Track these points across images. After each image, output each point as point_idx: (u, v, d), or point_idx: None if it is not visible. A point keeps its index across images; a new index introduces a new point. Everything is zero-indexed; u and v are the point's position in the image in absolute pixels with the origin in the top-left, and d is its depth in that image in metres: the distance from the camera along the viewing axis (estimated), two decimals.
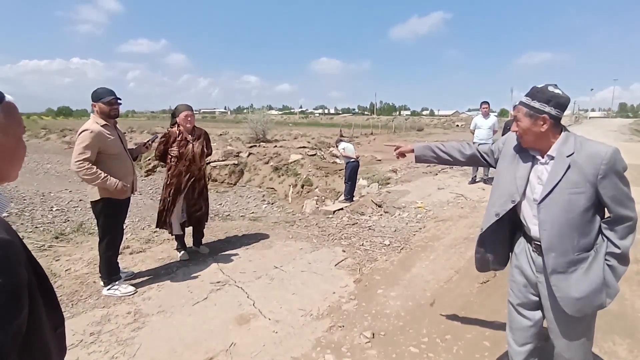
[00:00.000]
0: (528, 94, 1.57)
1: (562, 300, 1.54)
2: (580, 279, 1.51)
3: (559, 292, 1.55)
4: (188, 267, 3.75)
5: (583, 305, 1.51)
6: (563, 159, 1.50)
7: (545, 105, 1.50)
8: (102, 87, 3.13)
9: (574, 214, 1.48)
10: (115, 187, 3.01)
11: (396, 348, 2.48)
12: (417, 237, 4.70)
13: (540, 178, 1.58)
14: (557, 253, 1.52)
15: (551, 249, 1.54)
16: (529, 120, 1.54)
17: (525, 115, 1.55)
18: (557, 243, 1.52)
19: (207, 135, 4.02)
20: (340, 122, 48.89)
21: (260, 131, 17.15)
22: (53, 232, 5.15)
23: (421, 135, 28.29)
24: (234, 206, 9.21)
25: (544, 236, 1.55)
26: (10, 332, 0.67)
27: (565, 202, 1.49)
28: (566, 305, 1.53)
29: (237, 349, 2.44)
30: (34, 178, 10.90)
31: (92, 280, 3.38)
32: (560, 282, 1.54)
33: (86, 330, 2.64)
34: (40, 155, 16.33)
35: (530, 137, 1.57)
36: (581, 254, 1.51)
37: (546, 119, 1.51)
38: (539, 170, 1.60)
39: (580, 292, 1.50)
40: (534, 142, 1.59)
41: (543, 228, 1.55)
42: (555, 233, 1.52)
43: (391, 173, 10.05)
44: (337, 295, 3.19)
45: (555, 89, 1.52)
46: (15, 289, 0.69)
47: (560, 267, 1.53)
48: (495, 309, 2.96)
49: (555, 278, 1.55)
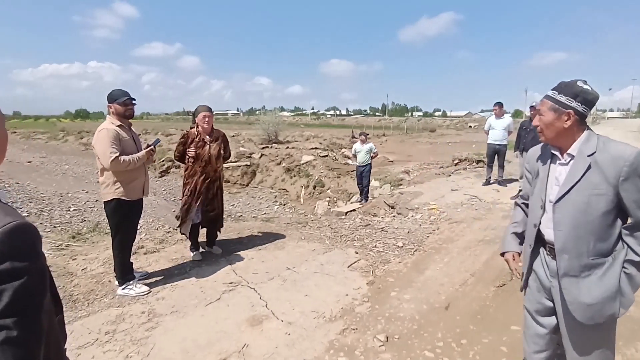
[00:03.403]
0: (555, 87, 1.51)
1: (572, 305, 1.48)
2: (593, 285, 1.43)
3: (569, 296, 1.49)
4: (201, 267, 3.77)
5: (594, 312, 1.44)
6: (583, 158, 1.44)
7: (572, 100, 1.44)
8: (118, 89, 3.18)
9: (592, 217, 1.41)
10: (145, 155, 3.20)
11: (410, 352, 2.44)
12: (431, 239, 4.63)
13: (558, 178, 1.53)
14: (570, 255, 1.46)
15: (565, 250, 1.48)
16: (553, 115, 1.48)
17: (549, 109, 1.50)
18: (572, 245, 1.46)
19: (225, 137, 4.06)
20: (352, 124, 48.81)
21: (272, 132, 17.22)
22: (70, 232, 5.25)
23: (433, 137, 28.02)
24: (246, 207, 9.25)
25: (558, 237, 1.49)
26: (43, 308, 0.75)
27: (583, 204, 1.43)
28: (576, 310, 1.47)
29: (250, 351, 2.44)
30: (53, 179, 11.15)
31: (108, 280, 3.43)
32: (571, 285, 1.48)
33: (102, 329, 2.68)
34: (59, 156, 16.72)
35: (551, 132, 1.51)
36: (597, 259, 1.43)
37: (571, 114, 1.44)
38: (557, 170, 1.54)
39: (591, 298, 1.43)
40: (554, 138, 1.52)
41: (558, 229, 1.50)
42: (570, 234, 1.46)
43: (403, 174, 9.96)
44: (350, 298, 3.16)
45: (584, 84, 1.45)
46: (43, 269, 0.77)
47: (572, 270, 1.47)
48: (512, 313, 2.89)
49: (566, 281, 1.49)
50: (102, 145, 2.99)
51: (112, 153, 2.98)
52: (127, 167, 3.07)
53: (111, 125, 3.09)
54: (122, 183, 3.11)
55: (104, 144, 2.99)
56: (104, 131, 3.04)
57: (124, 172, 3.09)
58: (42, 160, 15.31)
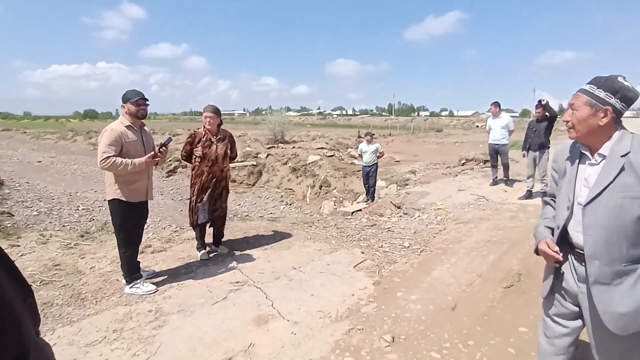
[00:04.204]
0: (592, 81, 1.43)
1: (604, 315, 1.39)
2: (625, 293, 1.35)
3: (601, 305, 1.40)
4: (207, 266, 3.79)
5: (627, 322, 1.36)
6: (617, 158, 1.36)
7: (611, 96, 1.37)
8: (131, 89, 3.23)
9: (625, 221, 1.33)
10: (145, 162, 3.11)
11: (417, 353, 2.43)
12: (438, 239, 4.61)
13: (587, 179, 1.45)
14: (601, 262, 1.38)
15: (595, 256, 1.40)
16: (589, 110, 1.40)
17: (585, 104, 1.41)
18: (603, 251, 1.38)
19: (232, 137, 4.08)
20: (358, 123, 48.73)
21: (278, 132, 17.28)
22: (79, 231, 5.32)
23: (440, 136, 27.86)
24: (253, 207, 9.28)
25: (588, 242, 1.41)
26: None
27: (615, 207, 1.35)
28: (608, 320, 1.39)
29: (256, 350, 2.44)
30: (62, 178, 11.28)
31: (115, 278, 3.46)
32: (602, 294, 1.40)
33: (109, 327, 2.70)
34: (68, 156, 16.92)
35: (583, 128, 1.43)
36: (629, 266, 1.35)
37: (609, 111, 1.37)
38: (587, 171, 1.47)
39: (625, 307, 1.35)
40: (585, 135, 1.44)
41: (588, 233, 1.42)
42: (601, 239, 1.38)
43: (410, 174, 9.92)
44: (356, 298, 3.15)
45: (624, 80, 1.38)
46: None
47: (604, 277, 1.38)
48: (520, 315, 2.86)
49: (597, 289, 1.41)
50: (100, 144, 3.03)
51: (105, 153, 2.97)
52: (120, 170, 3.00)
53: (118, 126, 3.11)
54: (122, 184, 3.11)
55: (102, 143, 3.02)
56: (107, 131, 3.06)
57: (123, 174, 3.08)
58: (51, 160, 15.51)
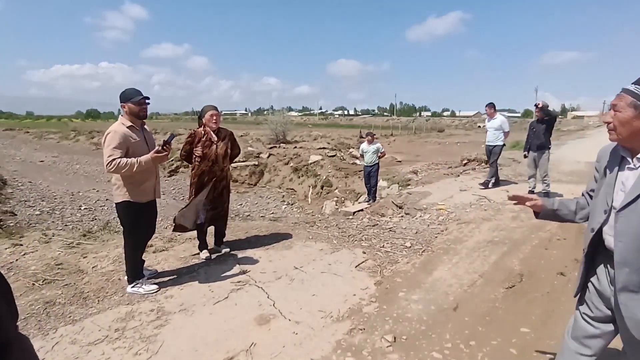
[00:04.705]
0: (637, 81, 1.39)
1: (630, 322, 1.38)
2: None
3: (627, 313, 1.39)
4: (209, 266, 3.80)
5: None
6: None
7: None
8: (131, 88, 3.14)
9: None
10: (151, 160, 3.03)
11: (418, 353, 2.42)
12: (439, 239, 4.60)
13: (624, 184, 1.42)
14: (631, 269, 1.36)
15: (625, 263, 1.37)
16: (633, 112, 1.36)
17: (629, 105, 1.36)
18: (633, 258, 1.35)
19: (232, 136, 4.07)
20: (359, 123, 48.71)
21: (280, 132, 17.28)
22: (81, 230, 5.34)
23: (442, 137, 27.83)
24: (254, 206, 9.29)
25: (619, 248, 1.39)
26: None
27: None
28: (633, 327, 1.38)
29: (257, 350, 2.45)
30: (64, 178, 11.32)
31: (118, 278, 3.47)
32: (630, 301, 1.38)
33: (111, 326, 2.71)
34: (70, 156, 16.98)
35: (626, 130, 1.39)
36: None
37: None
38: (625, 175, 1.44)
39: None
40: (628, 138, 1.40)
41: (619, 240, 1.39)
42: (633, 247, 1.35)
43: (412, 174, 9.91)
44: (358, 298, 3.15)
45: None
46: None
47: (632, 285, 1.36)
48: (522, 315, 2.86)
49: (624, 296, 1.39)
50: (105, 148, 2.96)
51: (110, 156, 2.90)
52: (127, 171, 2.94)
53: (120, 127, 3.04)
54: (131, 185, 3.07)
55: (106, 147, 2.95)
56: (110, 134, 2.98)
57: (131, 174, 3.02)
58: (54, 160, 15.57)
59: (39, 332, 2.62)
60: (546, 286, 3.33)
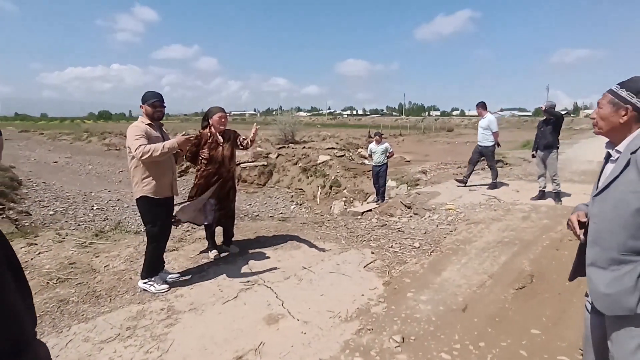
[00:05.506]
0: (621, 82, 1.52)
1: (592, 294, 1.52)
2: (616, 278, 1.43)
3: (591, 285, 1.52)
4: (218, 266, 3.83)
5: (611, 303, 1.44)
6: (626, 154, 1.43)
7: (633, 96, 1.45)
8: (150, 91, 3.29)
9: (626, 214, 1.40)
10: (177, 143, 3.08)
11: (427, 354, 2.42)
12: (448, 239, 4.57)
13: (605, 174, 1.55)
14: (601, 248, 1.48)
15: (596, 242, 1.50)
16: (611, 108, 1.50)
17: (608, 102, 1.52)
18: (604, 238, 1.47)
19: (236, 134, 4.07)
20: (368, 123, 48.58)
21: (288, 132, 17.33)
22: (93, 230, 5.43)
23: (451, 136, 27.60)
24: (263, 206, 9.33)
25: (592, 229, 1.53)
26: None
27: (617, 200, 1.43)
28: (595, 299, 1.51)
29: (266, 349, 2.47)
30: (77, 179, 11.52)
31: (129, 277, 3.52)
32: (594, 274, 1.50)
33: (123, 324, 2.76)
34: (83, 157, 17.26)
35: (605, 125, 1.54)
36: (628, 256, 1.42)
37: (629, 110, 1.45)
38: (608, 167, 1.56)
39: (610, 288, 1.44)
40: (607, 131, 1.55)
41: (593, 221, 1.53)
42: (603, 227, 1.48)
43: (420, 174, 9.85)
44: (366, 298, 3.15)
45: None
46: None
47: (600, 261, 1.48)
48: (532, 317, 2.83)
49: (591, 270, 1.52)
50: (130, 138, 3.09)
51: (137, 143, 3.02)
52: (155, 156, 3.03)
53: (141, 124, 3.20)
54: (149, 180, 3.16)
55: (131, 136, 3.08)
56: (132, 127, 3.14)
57: (152, 167, 3.13)
58: (67, 161, 15.85)
59: (53, 329, 2.69)
60: (557, 287, 3.29)
